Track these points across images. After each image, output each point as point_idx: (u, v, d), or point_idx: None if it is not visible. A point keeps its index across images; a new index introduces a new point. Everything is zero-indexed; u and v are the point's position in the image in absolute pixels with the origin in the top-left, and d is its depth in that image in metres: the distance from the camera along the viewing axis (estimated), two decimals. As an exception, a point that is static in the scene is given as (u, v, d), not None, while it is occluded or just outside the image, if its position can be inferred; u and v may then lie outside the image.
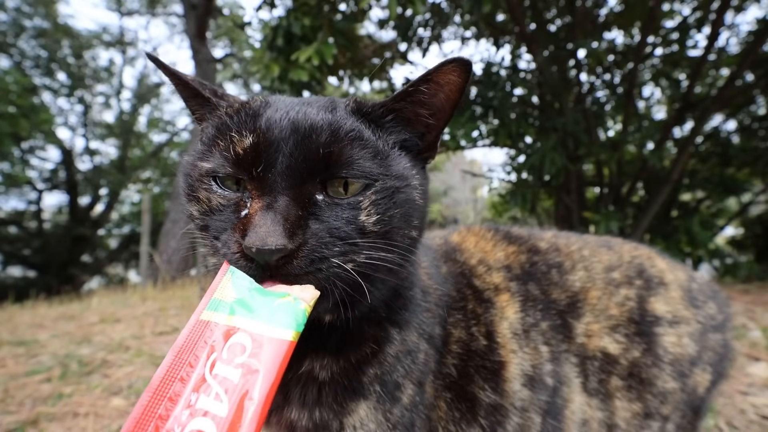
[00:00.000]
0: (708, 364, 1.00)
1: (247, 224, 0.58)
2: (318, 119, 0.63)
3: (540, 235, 1.09)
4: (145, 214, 7.80)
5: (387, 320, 0.77)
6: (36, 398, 1.78)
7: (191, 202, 0.67)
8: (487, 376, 0.86)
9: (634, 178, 5.06)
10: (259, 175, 0.61)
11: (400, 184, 0.66)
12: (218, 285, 0.57)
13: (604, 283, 1.00)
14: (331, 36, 3.80)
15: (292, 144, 0.61)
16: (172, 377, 0.49)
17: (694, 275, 1.12)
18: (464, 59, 0.64)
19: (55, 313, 4.05)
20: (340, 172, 0.62)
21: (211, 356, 0.50)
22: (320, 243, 0.59)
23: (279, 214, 0.57)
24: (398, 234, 0.65)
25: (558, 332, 0.94)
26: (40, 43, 12.49)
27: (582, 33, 4.58)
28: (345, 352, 0.74)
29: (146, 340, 2.66)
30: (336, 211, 0.61)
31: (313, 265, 0.58)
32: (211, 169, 0.65)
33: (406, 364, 0.78)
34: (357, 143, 0.64)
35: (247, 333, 0.51)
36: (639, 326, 0.96)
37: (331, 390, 0.73)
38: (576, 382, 0.93)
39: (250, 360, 0.49)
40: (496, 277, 0.97)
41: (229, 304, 0.54)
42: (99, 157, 15.12)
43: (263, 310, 0.53)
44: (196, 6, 9.38)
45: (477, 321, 0.90)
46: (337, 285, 0.61)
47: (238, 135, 0.63)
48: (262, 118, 0.64)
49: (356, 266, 0.61)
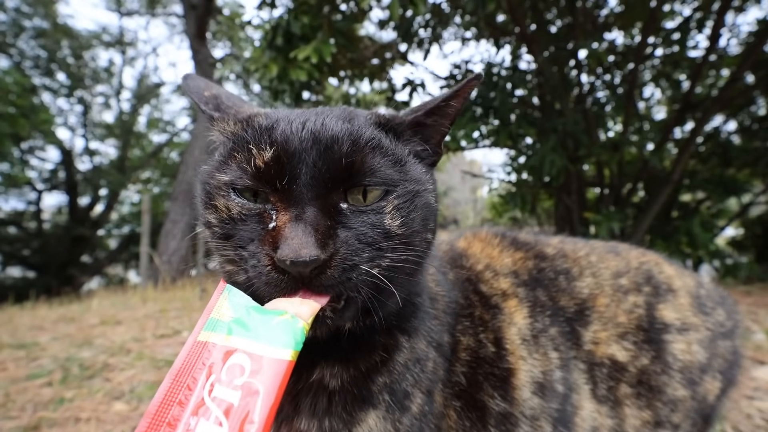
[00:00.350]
0: (718, 371, 0.99)
1: (278, 237, 0.58)
2: (338, 129, 0.64)
3: (547, 241, 1.09)
4: (144, 215, 7.79)
5: (396, 328, 0.77)
6: (37, 403, 1.77)
7: (209, 209, 0.67)
8: (496, 383, 0.85)
9: (634, 178, 5.05)
10: (284, 188, 0.61)
11: (419, 188, 0.68)
12: (215, 304, 0.56)
13: (612, 290, 0.99)
14: (330, 36, 3.80)
15: (315, 155, 0.61)
16: (171, 401, 0.48)
17: (703, 281, 1.11)
18: (482, 74, 0.73)
19: (55, 315, 4.04)
20: (363, 180, 0.63)
21: (210, 378, 0.49)
22: (350, 251, 0.59)
23: (309, 225, 0.58)
24: (417, 237, 0.67)
25: (567, 339, 0.94)
26: (39, 43, 12.46)
27: (582, 33, 4.57)
28: (355, 361, 0.73)
29: (147, 342, 2.65)
30: (361, 217, 0.62)
31: (344, 274, 0.59)
32: (229, 181, 0.65)
33: (415, 373, 0.77)
34: (377, 152, 0.65)
35: (245, 353, 0.50)
36: (648, 333, 0.96)
37: (341, 399, 0.72)
38: (585, 389, 0.93)
39: (250, 381, 0.48)
40: (503, 282, 0.96)
41: (227, 324, 0.54)
42: (99, 157, 15.12)
43: (261, 330, 0.53)
44: (196, 6, 9.37)
45: (485, 328, 0.89)
46: (363, 291, 0.61)
47: (256, 148, 0.63)
48: (277, 130, 0.64)
49: (382, 270, 0.61)
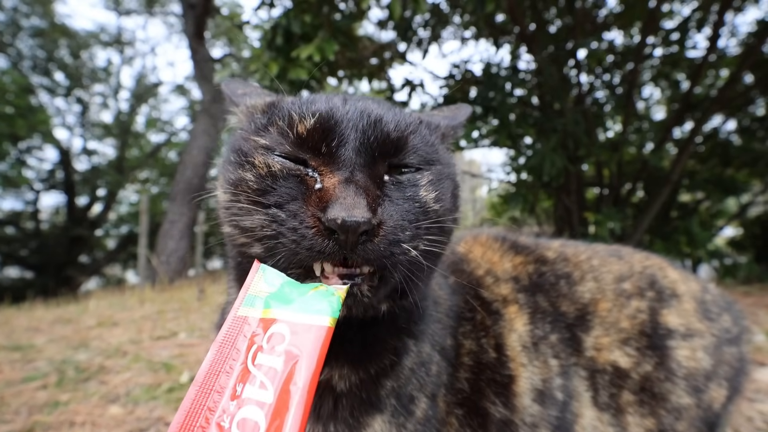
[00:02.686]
0: (723, 378, 0.97)
1: (327, 197, 0.56)
2: (382, 110, 0.67)
3: (548, 245, 1.07)
4: (143, 215, 7.77)
5: (405, 331, 0.76)
6: (32, 406, 1.75)
7: (243, 167, 0.63)
8: (497, 390, 0.84)
9: (633, 178, 5.05)
10: (331, 152, 0.61)
11: (449, 171, 0.71)
12: (251, 282, 0.57)
13: (615, 295, 0.98)
14: (331, 35, 3.78)
15: (365, 124, 0.63)
16: (217, 371, 0.50)
17: (708, 286, 1.09)
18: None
19: (52, 316, 4.02)
20: (407, 158, 0.65)
21: (252, 348, 0.51)
22: (396, 225, 0.58)
23: (360, 187, 0.56)
24: (448, 218, 0.68)
25: (567, 345, 0.92)
26: (37, 42, 12.44)
27: (582, 33, 4.56)
28: (365, 362, 0.72)
29: (144, 344, 2.63)
30: (401, 191, 0.63)
31: (389, 248, 0.57)
32: (267, 145, 0.64)
33: (420, 377, 0.76)
34: (417, 134, 0.68)
35: (284, 323, 0.52)
36: (651, 339, 0.94)
37: (348, 403, 0.71)
38: (586, 396, 0.91)
39: (291, 347, 0.50)
40: (504, 288, 0.95)
41: (264, 299, 0.55)
42: (97, 157, 15.09)
43: (298, 301, 0.54)
44: (195, 5, 9.35)
45: (486, 333, 0.88)
46: (400, 271, 0.60)
47: (298, 116, 0.63)
48: (319, 102, 0.65)
49: (419, 252, 0.61)
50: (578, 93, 4.98)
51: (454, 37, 5.75)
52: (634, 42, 4.91)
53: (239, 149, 0.66)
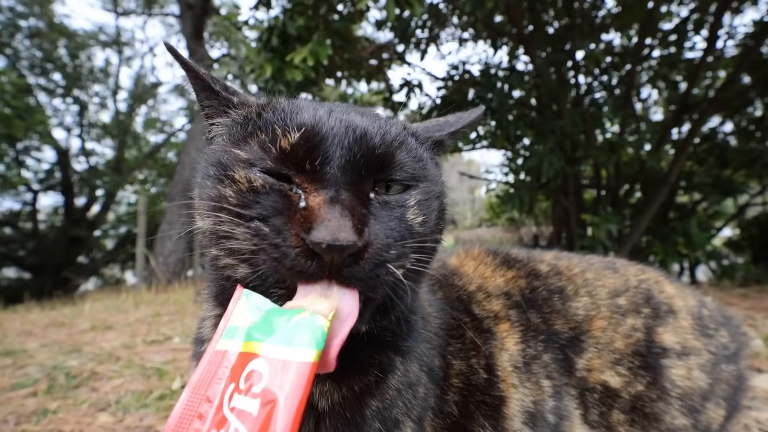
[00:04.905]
0: (721, 397, 0.94)
1: (311, 217, 0.54)
2: (368, 123, 0.64)
3: (540, 257, 1.04)
4: (141, 216, 7.74)
5: (392, 346, 0.74)
6: (20, 414, 1.73)
7: (223, 182, 0.61)
8: (487, 412, 0.81)
9: (631, 180, 5.03)
10: (315, 169, 0.59)
11: (437, 189, 0.69)
12: (233, 311, 0.54)
13: (610, 312, 0.95)
14: (327, 37, 3.76)
15: (351, 140, 0.60)
16: (191, 415, 0.47)
17: (705, 301, 1.06)
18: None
19: (47, 319, 4.00)
20: (393, 174, 0.63)
21: (229, 388, 0.47)
22: (382, 245, 0.56)
23: (346, 208, 0.54)
24: (432, 238, 0.66)
25: (560, 365, 0.90)
26: (35, 43, 12.39)
27: (580, 35, 4.55)
28: (348, 379, 0.69)
29: (137, 349, 2.61)
30: (387, 210, 0.61)
31: (375, 270, 0.55)
32: (248, 159, 0.61)
33: (407, 399, 0.73)
34: (404, 149, 0.66)
35: (264, 358, 0.48)
36: (644, 359, 0.91)
37: (331, 425, 0.67)
38: (576, 414, 0.89)
39: (269, 387, 0.45)
40: (495, 304, 0.92)
41: (246, 330, 0.52)
42: (95, 157, 15.06)
43: (280, 332, 0.50)
44: (193, 6, 9.33)
45: (477, 352, 0.86)
46: (381, 292, 0.59)
47: (281, 130, 0.61)
48: (305, 115, 0.63)
49: (404, 273, 0.59)
50: (576, 94, 4.96)
51: (453, 38, 5.73)
52: (632, 43, 4.89)
53: (218, 162, 0.63)
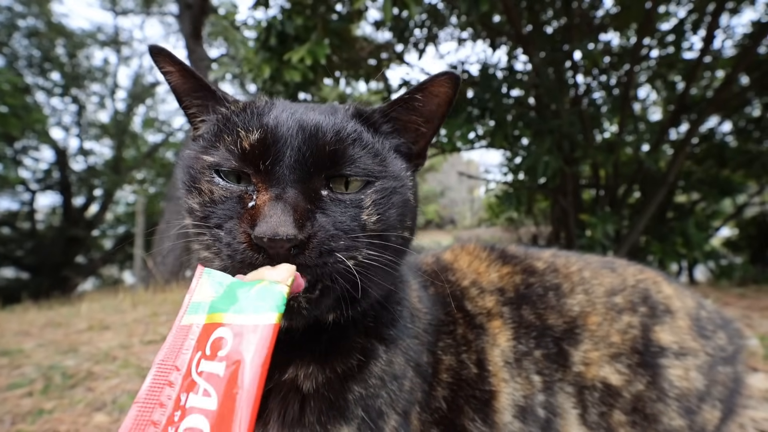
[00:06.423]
0: (717, 399, 0.94)
1: (256, 215, 0.59)
2: (322, 121, 0.67)
3: (537, 255, 1.04)
4: (139, 216, 7.73)
5: (374, 333, 0.76)
6: (16, 414, 1.72)
7: (192, 193, 0.68)
8: (477, 406, 0.82)
9: (630, 180, 5.04)
10: (267, 169, 0.63)
11: (397, 185, 0.70)
12: (196, 287, 0.58)
13: (605, 309, 0.94)
14: (325, 37, 3.75)
15: (301, 140, 0.64)
16: (161, 384, 0.50)
17: (703, 302, 1.06)
18: (454, 73, 0.70)
19: (44, 319, 3.98)
20: (344, 169, 0.65)
21: (196, 356, 0.51)
22: (328, 236, 0.61)
23: (289, 204, 0.59)
24: (393, 234, 0.68)
25: (552, 361, 0.89)
26: (33, 42, 12.35)
27: (578, 35, 4.55)
28: (331, 361, 0.72)
29: (134, 349, 2.60)
30: (340, 207, 0.64)
31: (321, 258, 0.60)
32: (215, 162, 0.66)
33: (391, 391, 0.74)
34: (358, 144, 0.68)
35: (227, 327, 0.52)
36: (643, 357, 0.90)
37: (316, 406, 0.70)
38: (573, 413, 0.89)
39: (233, 350, 0.49)
40: (488, 300, 0.92)
41: (209, 304, 0.55)
42: (93, 157, 15.01)
43: (242, 302, 0.54)
44: (192, 5, 9.30)
45: (468, 347, 0.86)
46: (339, 282, 0.63)
47: (245, 131, 0.65)
48: (269, 116, 0.67)
49: (356, 264, 0.63)
50: (575, 94, 4.97)
51: (451, 38, 5.73)
52: (630, 43, 4.90)
53: (189, 173, 0.69)
